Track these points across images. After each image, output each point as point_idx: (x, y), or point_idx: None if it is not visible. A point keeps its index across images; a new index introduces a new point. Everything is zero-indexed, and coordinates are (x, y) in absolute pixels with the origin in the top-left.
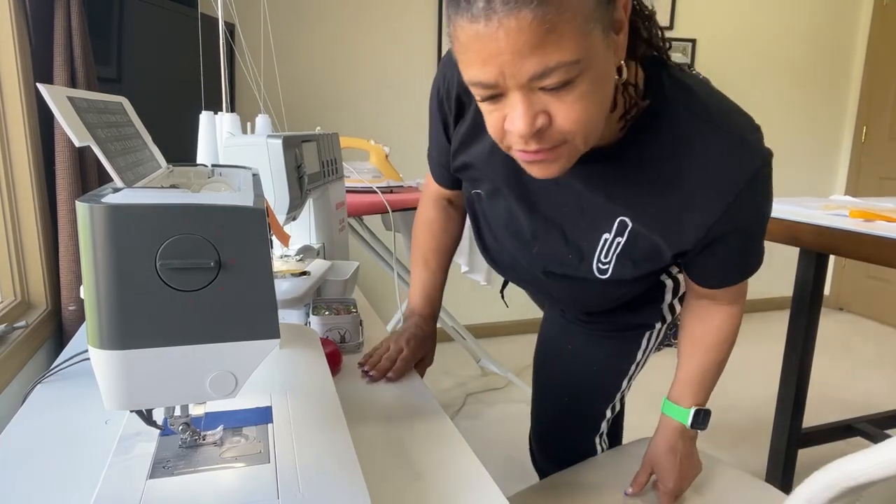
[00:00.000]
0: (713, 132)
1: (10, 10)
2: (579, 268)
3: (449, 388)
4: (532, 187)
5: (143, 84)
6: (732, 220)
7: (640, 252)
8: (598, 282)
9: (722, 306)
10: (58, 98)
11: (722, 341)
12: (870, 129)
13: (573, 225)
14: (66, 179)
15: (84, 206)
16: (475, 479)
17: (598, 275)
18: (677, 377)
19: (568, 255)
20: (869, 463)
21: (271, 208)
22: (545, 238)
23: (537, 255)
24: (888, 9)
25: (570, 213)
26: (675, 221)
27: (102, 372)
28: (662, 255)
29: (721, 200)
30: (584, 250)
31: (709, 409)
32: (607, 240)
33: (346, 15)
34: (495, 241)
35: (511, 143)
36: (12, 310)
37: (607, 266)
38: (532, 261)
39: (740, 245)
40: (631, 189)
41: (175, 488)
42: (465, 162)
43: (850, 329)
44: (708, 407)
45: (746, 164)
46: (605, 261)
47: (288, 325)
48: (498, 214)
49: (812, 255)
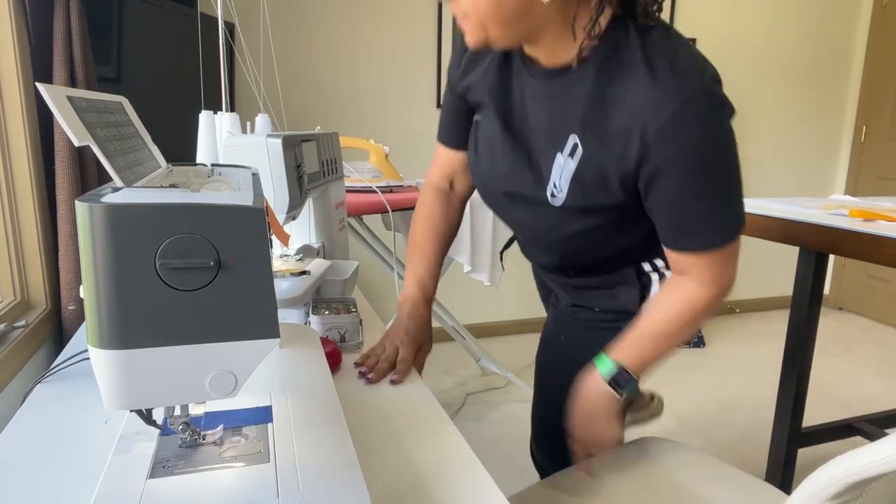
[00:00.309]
0: (661, 58)
1: (9, 10)
2: (536, 191)
3: (449, 388)
4: (511, 104)
5: (142, 84)
6: (669, 146)
7: (590, 179)
8: (553, 210)
9: (688, 283)
10: (57, 98)
11: (673, 317)
12: (869, 128)
13: (535, 141)
14: (66, 179)
15: (83, 205)
16: (475, 479)
17: (552, 201)
18: (621, 335)
19: (528, 174)
20: (871, 458)
21: (271, 208)
22: (512, 156)
23: (502, 174)
24: (888, 9)
25: (534, 128)
26: (619, 140)
27: (102, 372)
28: (609, 182)
29: (656, 118)
30: (543, 171)
31: (636, 379)
32: (561, 163)
33: (346, 15)
34: (478, 161)
35: None
36: (12, 309)
37: (560, 193)
38: (498, 179)
39: (686, 190)
40: (584, 105)
41: (175, 488)
42: (468, 84)
43: (850, 329)
44: (637, 377)
45: (684, 86)
46: (558, 186)
47: (288, 325)
48: (484, 133)
49: (812, 254)
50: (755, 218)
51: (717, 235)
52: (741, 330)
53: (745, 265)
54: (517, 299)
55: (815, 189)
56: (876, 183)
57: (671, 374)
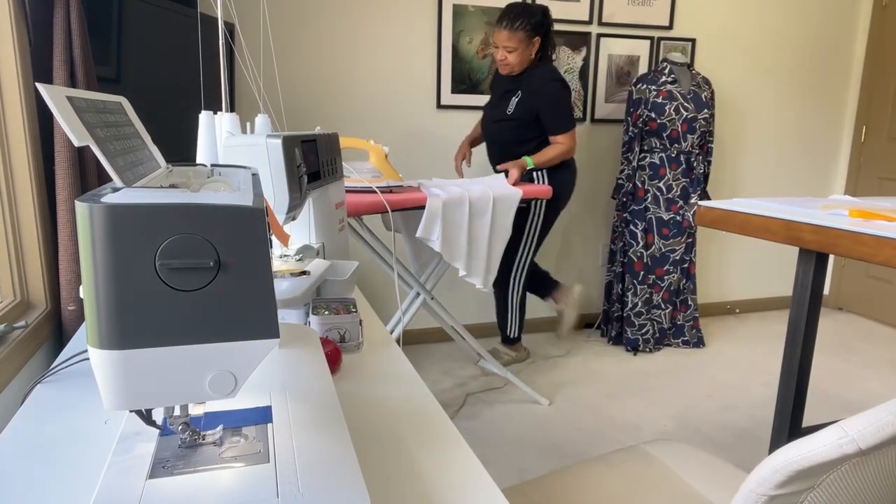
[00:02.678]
0: (546, 69)
1: (9, 10)
2: (504, 112)
3: (449, 388)
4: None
5: (142, 84)
6: (544, 93)
7: (522, 106)
8: (506, 119)
9: (556, 144)
10: (57, 98)
11: (552, 151)
12: (869, 128)
13: (504, 98)
14: (66, 179)
15: (83, 205)
16: (475, 479)
17: (508, 113)
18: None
19: (501, 108)
20: (811, 447)
21: (271, 208)
22: (497, 106)
23: (493, 114)
24: (888, 9)
25: (504, 95)
26: (532, 94)
27: (102, 372)
28: (528, 109)
29: (540, 85)
30: (509, 105)
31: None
32: (514, 101)
33: (346, 15)
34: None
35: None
36: (12, 310)
37: (512, 110)
38: (491, 115)
39: (551, 110)
40: (523, 84)
41: (175, 488)
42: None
43: (850, 329)
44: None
45: (548, 73)
46: (511, 108)
47: (288, 325)
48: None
49: (812, 254)
50: (755, 218)
51: (563, 127)
52: (741, 330)
53: (745, 265)
54: None
55: (815, 189)
56: (876, 183)
57: (671, 374)
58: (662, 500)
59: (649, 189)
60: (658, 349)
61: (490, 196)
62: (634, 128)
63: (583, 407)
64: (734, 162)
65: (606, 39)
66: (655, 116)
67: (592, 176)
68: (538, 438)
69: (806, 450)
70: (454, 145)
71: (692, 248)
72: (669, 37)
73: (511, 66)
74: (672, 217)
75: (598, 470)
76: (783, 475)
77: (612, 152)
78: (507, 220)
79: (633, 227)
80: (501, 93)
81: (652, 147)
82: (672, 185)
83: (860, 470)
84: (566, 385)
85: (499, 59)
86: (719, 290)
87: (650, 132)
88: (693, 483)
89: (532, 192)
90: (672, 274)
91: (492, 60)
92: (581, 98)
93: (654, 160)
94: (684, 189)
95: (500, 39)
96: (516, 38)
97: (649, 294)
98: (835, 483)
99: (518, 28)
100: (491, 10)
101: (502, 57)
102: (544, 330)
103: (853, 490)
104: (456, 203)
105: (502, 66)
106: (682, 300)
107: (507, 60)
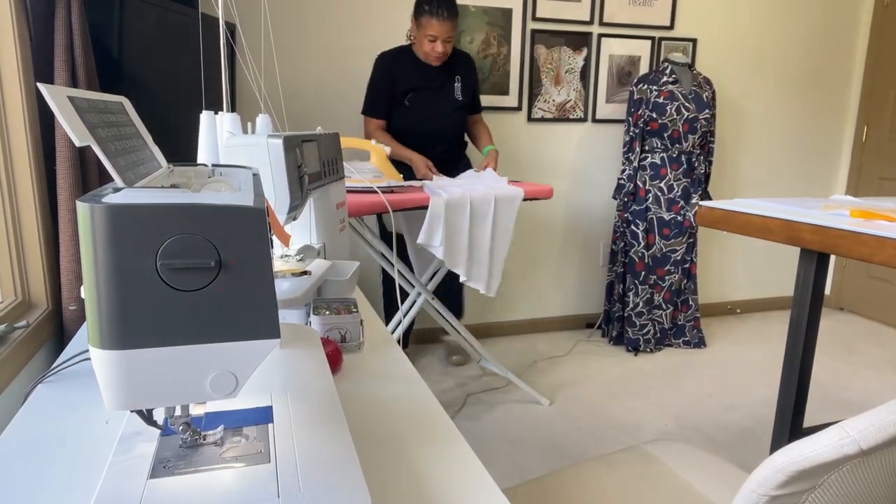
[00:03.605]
0: (458, 50)
1: (10, 10)
2: (456, 100)
3: (449, 388)
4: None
5: (143, 84)
6: (473, 72)
7: (466, 89)
8: (460, 107)
9: (481, 123)
10: (58, 98)
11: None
12: (870, 129)
13: (445, 88)
14: (67, 179)
15: (84, 205)
16: (475, 479)
17: (460, 100)
18: (482, 144)
19: (451, 97)
20: (812, 447)
21: (272, 208)
22: (444, 98)
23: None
24: (889, 9)
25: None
26: (468, 75)
27: (103, 372)
28: (468, 90)
29: (469, 64)
30: (455, 92)
31: None
32: (457, 87)
33: (346, 15)
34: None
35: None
36: (13, 310)
37: (461, 95)
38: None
39: (477, 87)
40: (455, 69)
41: (175, 488)
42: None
43: (851, 329)
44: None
45: (463, 53)
46: (459, 95)
47: (288, 325)
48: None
49: (813, 254)
50: (756, 218)
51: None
52: (741, 330)
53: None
54: (517, 300)
55: (816, 189)
56: (877, 183)
57: (672, 374)
58: (663, 500)
59: (650, 189)
60: (659, 349)
61: (492, 197)
62: (635, 128)
63: (583, 407)
64: (735, 162)
65: (607, 39)
66: (656, 116)
67: (593, 176)
68: (539, 438)
69: (807, 450)
70: None
71: (693, 248)
72: (670, 37)
73: (445, 55)
74: (673, 217)
75: (598, 470)
76: (784, 475)
77: (613, 152)
78: (509, 221)
79: (635, 227)
80: (439, 84)
81: (653, 147)
82: (673, 185)
83: (861, 470)
84: (567, 385)
85: (440, 51)
86: (720, 291)
87: (651, 132)
88: (694, 483)
89: (532, 192)
90: (673, 274)
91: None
92: (582, 98)
93: (655, 160)
94: (685, 189)
95: (444, 31)
96: (454, 25)
97: (650, 294)
98: (836, 483)
99: (455, 15)
100: (492, 11)
101: (442, 49)
102: (544, 330)
103: (854, 490)
104: (457, 205)
105: (437, 59)
106: (683, 300)
107: (445, 51)
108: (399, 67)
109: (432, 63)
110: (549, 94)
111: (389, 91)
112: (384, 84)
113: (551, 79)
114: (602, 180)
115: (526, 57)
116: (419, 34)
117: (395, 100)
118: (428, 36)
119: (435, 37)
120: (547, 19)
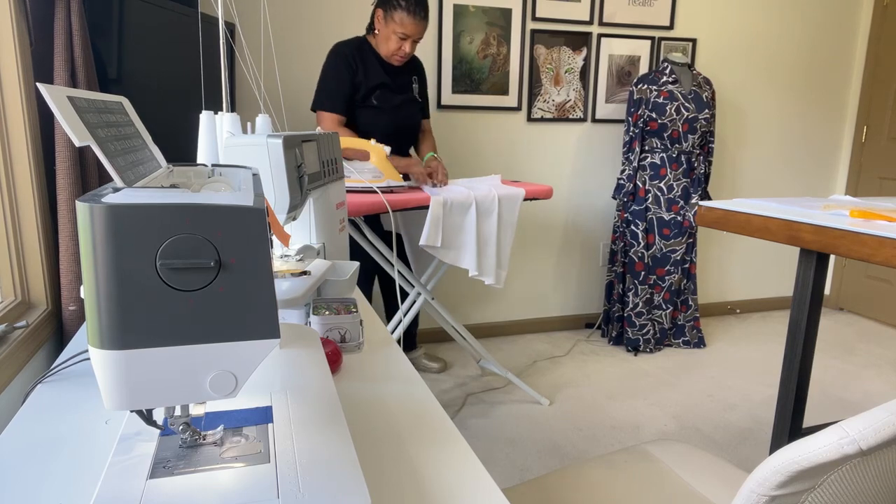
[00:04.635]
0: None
1: (10, 10)
2: (416, 99)
3: (449, 388)
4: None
5: (143, 84)
6: (424, 75)
7: (419, 91)
8: (415, 104)
9: (429, 129)
10: (58, 98)
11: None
12: (870, 128)
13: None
14: (67, 179)
15: (84, 205)
16: (475, 479)
17: (420, 100)
18: (425, 150)
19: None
20: (810, 447)
21: (271, 208)
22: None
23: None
24: (888, 9)
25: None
26: (422, 77)
27: (102, 372)
28: (422, 94)
29: (421, 66)
30: (413, 91)
31: None
32: (415, 87)
33: (346, 15)
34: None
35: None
36: (13, 310)
37: (417, 96)
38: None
39: (426, 90)
40: (413, 69)
41: (175, 488)
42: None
43: (850, 329)
44: None
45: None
46: (416, 94)
47: (288, 325)
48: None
49: (812, 255)
50: (755, 218)
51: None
52: (741, 330)
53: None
54: (517, 300)
55: (816, 189)
56: (877, 183)
57: (672, 374)
58: (663, 500)
59: (650, 189)
60: (659, 349)
61: (495, 195)
62: (635, 128)
63: (583, 407)
64: (735, 162)
65: (607, 39)
66: (656, 116)
67: (593, 176)
68: (538, 438)
69: (807, 450)
70: (455, 145)
71: (693, 248)
72: (670, 37)
73: (408, 57)
74: (673, 217)
75: (598, 470)
76: (784, 475)
77: (613, 152)
78: (513, 216)
79: (634, 227)
80: (402, 83)
81: (653, 147)
82: (673, 185)
83: (861, 470)
84: (567, 385)
85: (407, 52)
86: (720, 291)
87: (651, 132)
88: (693, 483)
89: (532, 192)
90: (673, 274)
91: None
92: (582, 98)
93: (654, 160)
94: (685, 189)
95: (418, 31)
96: (426, 27)
97: (650, 294)
98: (835, 483)
99: (428, 17)
100: (491, 11)
101: (409, 49)
102: (544, 330)
103: (854, 490)
104: (461, 204)
105: (401, 59)
106: (683, 300)
107: (411, 52)
108: (363, 62)
109: (394, 63)
110: (549, 94)
111: (351, 85)
112: (346, 77)
113: (551, 79)
114: (602, 180)
115: (525, 57)
116: (387, 29)
117: (360, 96)
118: (399, 33)
119: (407, 35)
120: (547, 19)
